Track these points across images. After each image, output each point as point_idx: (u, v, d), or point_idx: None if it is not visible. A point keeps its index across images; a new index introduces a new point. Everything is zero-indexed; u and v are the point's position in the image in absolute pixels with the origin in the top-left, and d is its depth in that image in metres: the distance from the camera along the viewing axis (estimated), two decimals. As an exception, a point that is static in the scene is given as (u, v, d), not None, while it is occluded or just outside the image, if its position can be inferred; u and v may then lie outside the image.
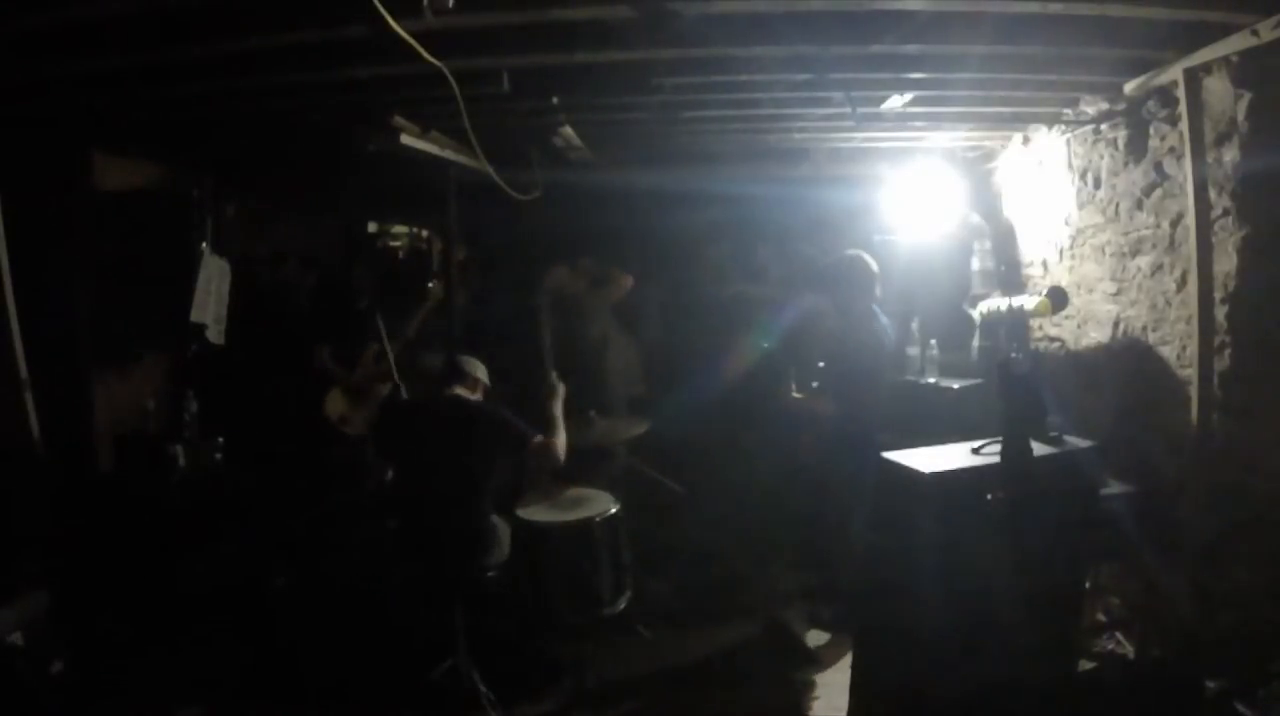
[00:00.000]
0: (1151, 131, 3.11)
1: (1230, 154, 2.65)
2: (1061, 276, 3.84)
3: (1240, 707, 2.42)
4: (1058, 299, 2.80)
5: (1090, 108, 3.42)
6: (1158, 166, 3.07)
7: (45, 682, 2.66)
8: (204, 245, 4.16)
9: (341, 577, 3.78)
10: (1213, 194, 2.73)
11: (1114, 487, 3.03)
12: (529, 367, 4.51)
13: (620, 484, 3.67)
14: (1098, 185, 3.53)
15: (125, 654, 3.18)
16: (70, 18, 2.23)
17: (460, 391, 3.19)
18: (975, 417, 3.27)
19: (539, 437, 3.03)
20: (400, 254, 6.79)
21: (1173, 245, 3.00)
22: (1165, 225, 3.04)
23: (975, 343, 4.13)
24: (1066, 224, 3.81)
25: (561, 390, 3.33)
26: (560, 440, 3.08)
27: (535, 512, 3.25)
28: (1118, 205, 3.37)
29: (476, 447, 3.05)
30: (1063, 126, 3.73)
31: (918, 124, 3.88)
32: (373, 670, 3.31)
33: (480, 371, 3.28)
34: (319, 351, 4.33)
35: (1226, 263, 2.70)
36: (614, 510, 3.28)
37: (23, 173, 3.15)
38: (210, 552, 3.65)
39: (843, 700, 2.95)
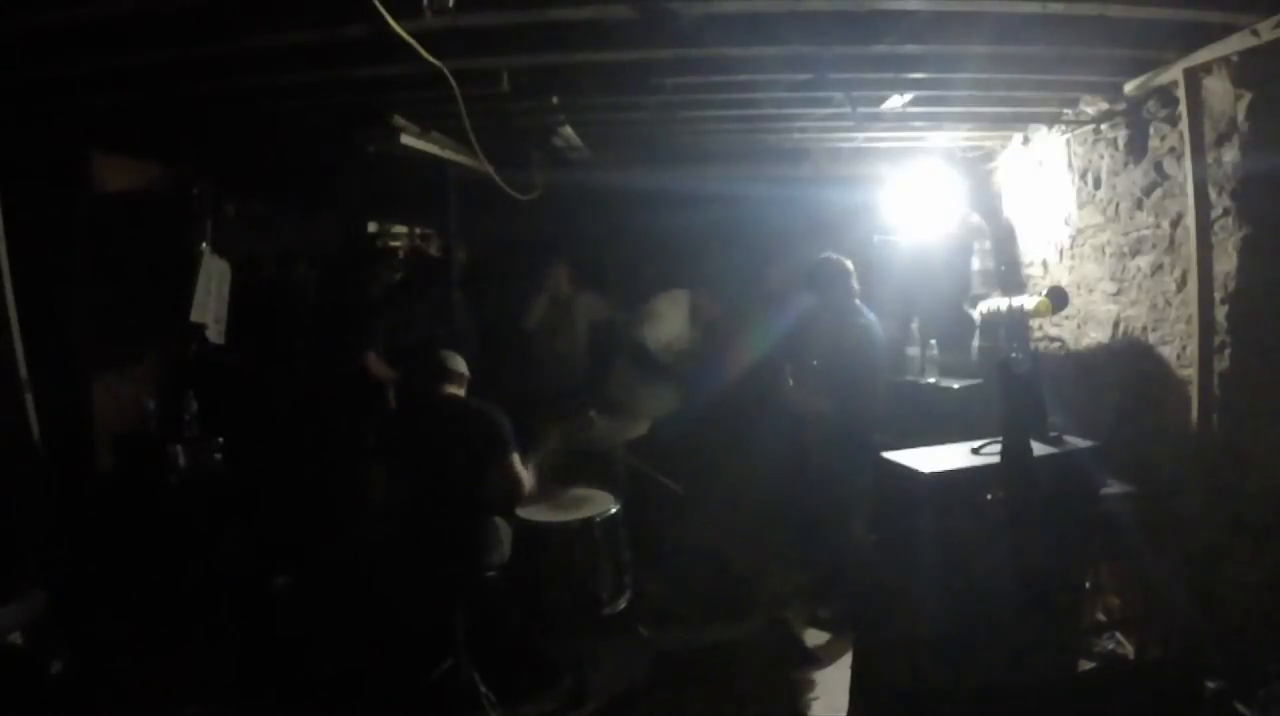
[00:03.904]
0: (1151, 131, 3.11)
1: (1230, 154, 2.65)
2: (1061, 276, 3.84)
3: (1240, 707, 2.42)
4: (1058, 299, 2.80)
5: (1090, 108, 3.42)
6: (1158, 166, 3.07)
7: (45, 682, 2.66)
8: (204, 245, 4.16)
9: (342, 577, 3.78)
10: (1213, 194, 2.73)
11: (1114, 487, 3.02)
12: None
13: (620, 484, 3.67)
14: (1098, 185, 3.53)
15: (125, 654, 3.18)
16: (69, 18, 2.23)
17: (452, 390, 3.19)
18: (975, 417, 3.28)
19: (517, 461, 3.10)
20: (401, 253, 6.80)
21: (1173, 245, 3.00)
22: (1165, 225, 3.04)
23: (975, 343, 4.13)
24: (1066, 224, 3.81)
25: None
26: (530, 479, 3.20)
27: (535, 512, 3.25)
28: (1118, 205, 3.37)
29: (472, 448, 3.06)
30: (1063, 126, 3.73)
31: (918, 124, 3.89)
32: (373, 670, 3.31)
33: (463, 366, 3.26)
34: (368, 355, 4.30)
35: (1226, 263, 2.70)
36: (614, 510, 3.28)
37: (23, 173, 3.15)
38: (210, 552, 3.65)
39: (843, 699, 2.95)
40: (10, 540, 2.81)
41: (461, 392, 3.23)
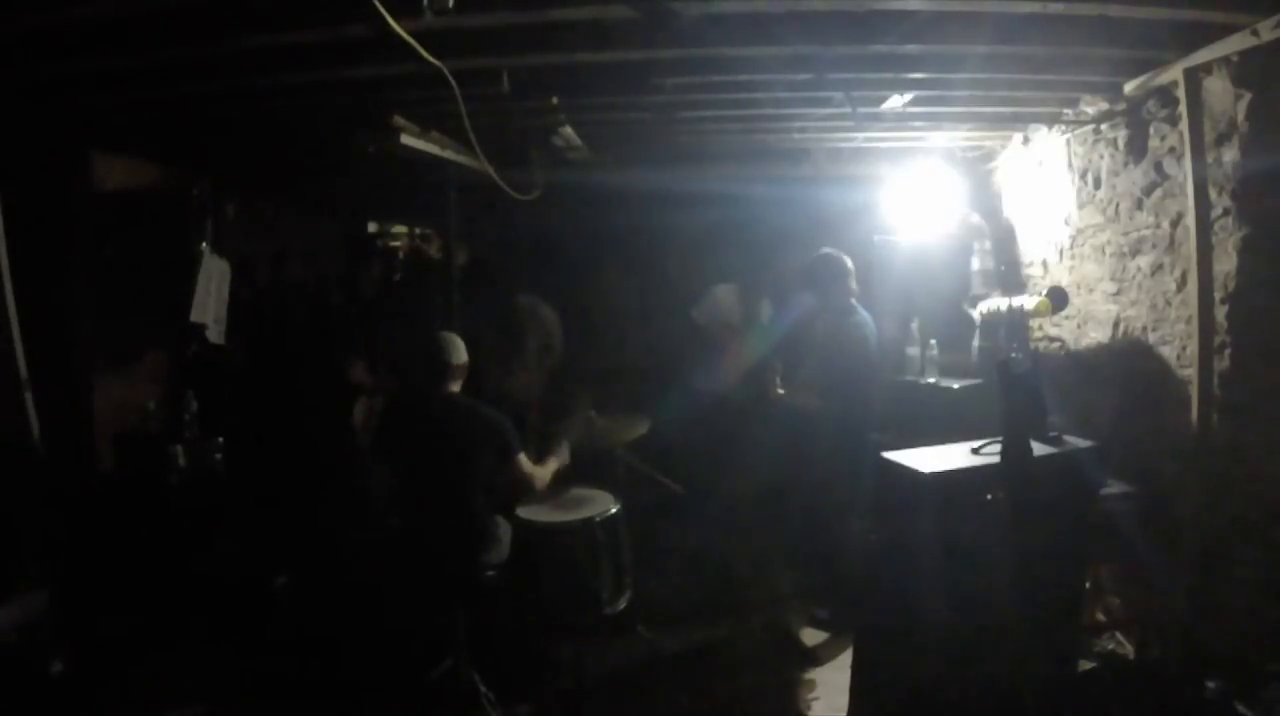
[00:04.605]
0: (1151, 131, 3.11)
1: (1230, 154, 2.65)
2: (1061, 276, 3.84)
3: (1240, 707, 2.42)
4: (1058, 299, 2.80)
5: (1090, 108, 3.42)
6: (1158, 166, 3.07)
7: (45, 682, 2.66)
8: (204, 245, 4.16)
9: (342, 577, 3.78)
10: (1213, 194, 2.73)
11: (1114, 487, 3.03)
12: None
13: (620, 484, 3.67)
14: (1098, 185, 3.53)
15: (125, 654, 3.18)
16: (70, 18, 2.23)
17: (453, 388, 3.19)
18: (975, 417, 3.27)
19: (523, 460, 3.14)
20: (401, 254, 6.80)
21: (1173, 245, 3.01)
22: (1165, 225, 3.04)
23: (975, 343, 4.13)
24: (1066, 224, 3.81)
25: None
26: (544, 472, 3.24)
27: (535, 512, 3.25)
28: (1118, 205, 3.37)
29: (471, 448, 3.05)
30: (1063, 126, 3.73)
31: (918, 124, 3.88)
32: (373, 670, 3.31)
33: (462, 354, 3.22)
34: (354, 368, 4.31)
35: (1226, 263, 2.70)
36: (614, 510, 3.28)
37: (23, 173, 3.15)
38: (210, 552, 3.65)
39: (842, 700, 2.95)
40: (10, 540, 2.81)
41: (458, 388, 3.23)
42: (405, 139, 3.49)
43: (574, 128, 3.78)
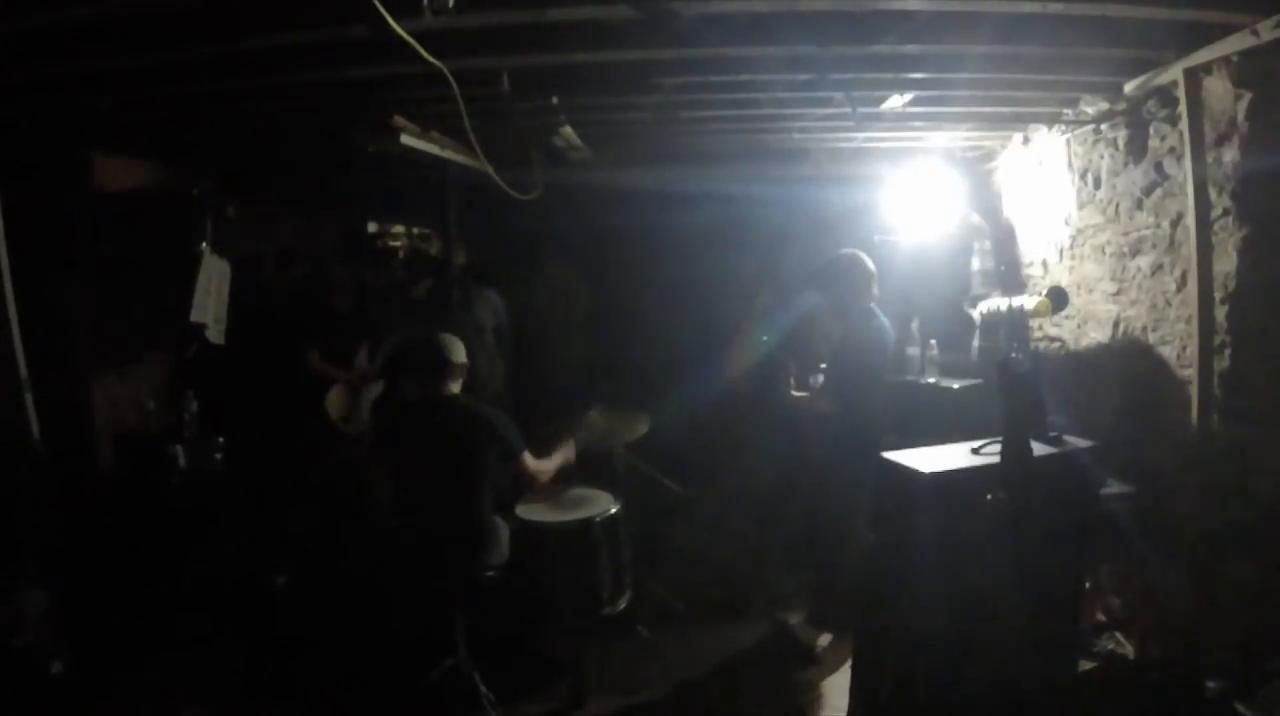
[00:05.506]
0: (1151, 131, 3.11)
1: (1230, 154, 2.65)
2: (1061, 276, 3.84)
3: (1240, 707, 2.41)
4: (1058, 299, 2.80)
5: (1090, 108, 3.42)
6: (1158, 166, 3.07)
7: (45, 682, 2.66)
8: (204, 245, 4.16)
9: (342, 577, 3.78)
10: (1213, 194, 2.73)
11: (1114, 487, 3.03)
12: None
13: (620, 484, 3.67)
14: (1098, 185, 3.53)
15: (125, 654, 3.18)
16: (70, 18, 2.23)
17: (453, 387, 3.18)
18: (975, 417, 3.27)
19: (526, 456, 3.12)
20: (400, 253, 6.79)
21: (1173, 245, 3.01)
22: (1165, 225, 3.04)
23: (975, 343, 4.13)
24: (1066, 224, 3.81)
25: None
26: (548, 466, 3.21)
27: (535, 512, 3.26)
28: (1118, 205, 3.37)
29: (472, 449, 3.05)
30: (1063, 126, 3.72)
31: (918, 124, 3.88)
32: (373, 670, 3.31)
33: (461, 353, 3.22)
34: (309, 356, 4.32)
35: (1226, 263, 2.70)
36: (614, 510, 3.28)
37: (23, 173, 3.15)
38: (210, 552, 3.65)
39: (843, 700, 2.95)
40: (10, 540, 2.81)
41: (458, 388, 3.22)
42: (405, 139, 3.49)
43: (574, 128, 3.77)
